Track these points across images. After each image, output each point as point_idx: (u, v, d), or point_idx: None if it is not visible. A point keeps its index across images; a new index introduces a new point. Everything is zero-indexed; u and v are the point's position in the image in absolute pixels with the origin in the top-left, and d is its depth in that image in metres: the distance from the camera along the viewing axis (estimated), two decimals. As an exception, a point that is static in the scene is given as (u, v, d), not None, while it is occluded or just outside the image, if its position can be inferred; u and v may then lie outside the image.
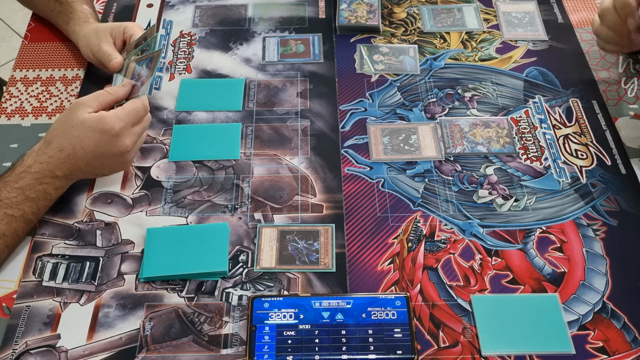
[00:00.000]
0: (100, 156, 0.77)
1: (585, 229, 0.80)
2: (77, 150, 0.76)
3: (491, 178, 0.85)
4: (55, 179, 0.76)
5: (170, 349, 0.69)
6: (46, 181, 0.75)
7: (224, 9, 1.10)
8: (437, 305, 0.73)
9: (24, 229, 0.76)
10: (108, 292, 0.74)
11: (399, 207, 0.82)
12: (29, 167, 0.75)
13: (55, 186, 0.77)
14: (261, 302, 0.72)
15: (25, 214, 0.74)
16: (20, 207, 0.74)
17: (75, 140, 0.76)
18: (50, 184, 0.76)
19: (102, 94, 0.80)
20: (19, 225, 0.74)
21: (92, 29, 0.94)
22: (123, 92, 0.83)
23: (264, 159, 0.87)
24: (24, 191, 0.74)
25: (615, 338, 0.70)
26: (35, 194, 0.75)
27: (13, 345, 0.69)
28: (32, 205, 0.75)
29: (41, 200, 0.76)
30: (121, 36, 0.92)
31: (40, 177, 0.75)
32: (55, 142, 0.76)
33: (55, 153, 0.76)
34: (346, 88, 0.97)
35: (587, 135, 0.90)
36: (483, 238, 0.79)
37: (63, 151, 0.76)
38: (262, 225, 0.80)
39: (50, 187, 0.76)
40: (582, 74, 0.99)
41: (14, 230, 0.74)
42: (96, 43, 0.92)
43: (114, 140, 0.77)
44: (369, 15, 1.06)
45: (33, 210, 0.75)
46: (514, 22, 1.07)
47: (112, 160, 0.79)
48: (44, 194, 0.76)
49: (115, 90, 0.82)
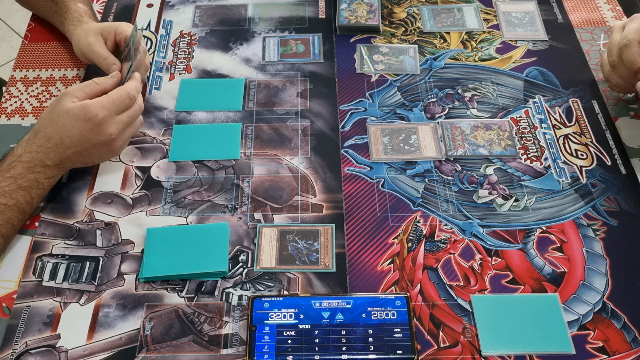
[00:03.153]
0: (86, 144, 0.78)
1: (585, 229, 0.80)
2: (64, 140, 0.77)
3: (491, 178, 0.85)
4: (46, 168, 0.77)
5: (170, 349, 0.69)
6: (37, 170, 0.76)
7: (224, 9, 1.10)
8: (437, 305, 0.73)
9: (18, 218, 0.76)
10: (108, 292, 0.74)
11: (399, 207, 0.82)
12: (19, 157, 0.76)
13: (46, 175, 0.77)
14: (261, 302, 0.72)
15: (18, 202, 0.75)
16: (13, 196, 0.75)
17: (61, 130, 0.77)
18: (42, 173, 0.77)
19: (89, 84, 0.81)
20: (13, 214, 0.75)
21: (84, 30, 0.93)
22: (110, 83, 0.83)
23: (264, 159, 0.87)
24: (16, 180, 0.75)
25: (615, 338, 0.70)
26: (27, 183, 0.76)
27: (13, 345, 0.69)
28: (25, 195, 0.76)
29: (34, 189, 0.76)
30: (112, 37, 0.91)
31: (31, 166, 0.76)
32: (42, 132, 0.78)
33: (43, 142, 0.77)
34: (346, 88, 0.97)
35: (587, 135, 0.90)
36: (483, 238, 0.79)
37: (50, 140, 0.77)
38: (262, 225, 0.80)
39: (41, 176, 0.77)
40: (582, 74, 0.99)
41: (8, 220, 0.75)
42: (87, 44, 0.91)
43: (98, 129, 0.78)
44: (369, 15, 1.06)
45: (26, 200, 0.76)
46: (514, 22, 1.07)
47: (99, 149, 0.80)
48: (36, 182, 0.77)
49: (102, 81, 0.83)
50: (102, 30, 0.92)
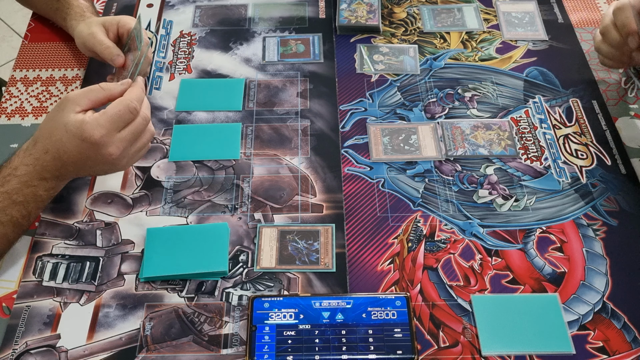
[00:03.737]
0: (87, 162, 0.72)
1: (585, 229, 0.80)
2: (61, 155, 0.71)
3: (491, 178, 0.85)
4: (44, 180, 0.72)
5: (170, 349, 0.69)
6: (34, 184, 0.71)
7: (224, 9, 1.10)
8: (437, 305, 0.73)
9: (15, 232, 0.72)
10: (108, 292, 0.74)
11: (399, 207, 0.82)
12: (15, 170, 0.71)
13: (45, 188, 0.72)
14: (261, 302, 0.72)
15: (13, 218, 0.71)
16: (7, 212, 0.70)
17: (58, 144, 0.71)
18: (39, 186, 0.72)
19: (94, 90, 0.73)
20: (7, 230, 0.71)
21: (87, 23, 0.93)
22: (118, 90, 0.74)
23: (264, 159, 0.87)
24: (10, 195, 0.70)
25: (615, 338, 0.70)
26: (23, 197, 0.71)
27: (13, 345, 0.69)
28: (21, 209, 0.71)
29: (31, 203, 0.72)
30: (115, 29, 0.91)
31: (27, 180, 0.71)
32: (40, 143, 0.72)
33: (41, 155, 0.71)
34: (346, 88, 0.97)
35: (587, 135, 0.90)
36: (483, 238, 0.79)
37: (48, 153, 0.71)
38: (262, 225, 0.80)
39: (39, 190, 0.72)
40: (582, 74, 0.99)
41: (3, 235, 0.71)
42: (89, 34, 0.90)
43: (96, 149, 0.70)
44: (369, 15, 1.06)
45: (22, 214, 0.72)
46: (514, 22, 1.07)
47: (102, 167, 0.74)
48: (33, 196, 0.72)
49: (109, 87, 0.73)
50: (104, 22, 0.91)
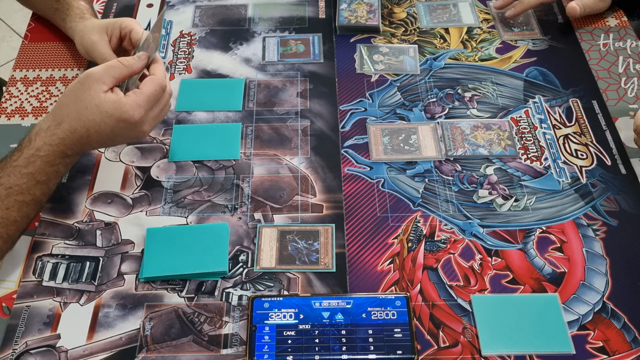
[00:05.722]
0: (116, 138, 0.76)
1: (585, 229, 0.80)
2: (91, 134, 0.73)
3: (491, 178, 0.85)
4: (66, 157, 0.74)
5: (170, 349, 0.69)
6: (57, 162, 0.73)
7: (224, 9, 1.10)
8: (437, 305, 0.73)
9: (35, 209, 0.74)
10: (108, 292, 0.74)
11: (399, 207, 0.82)
12: (38, 150, 0.72)
13: (65, 164, 0.75)
14: (261, 302, 0.72)
15: (36, 197, 0.73)
16: (31, 192, 0.72)
17: (89, 124, 0.72)
18: (61, 163, 0.74)
19: (115, 66, 0.74)
20: (30, 209, 0.73)
21: (87, 26, 0.92)
22: (139, 65, 0.76)
23: (264, 159, 0.87)
24: (34, 176, 0.72)
25: (615, 338, 0.70)
26: (46, 177, 0.73)
27: (13, 345, 0.69)
28: (43, 187, 0.73)
29: (52, 180, 0.74)
30: (117, 32, 0.90)
31: (51, 159, 0.72)
32: (66, 123, 0.72)
33: (67, 135, 0.72)
34: (346, 88, 0.97)
35: (587, 135, 0.90)
36: (483, 238, 0.79)
37: (75, 133, 0.72)
38: (262, 225, 0.80)
39: (61, 167, 0.74)
40: (582, 74, 0.99)
41: (26, 215, 0.73)
42: (90, 43, 0.90)
43: (133, 127, 0.74)
44: (369, 15, 1.06)
45: (44, 192, 0.74)
46: (509, 22, 1.07)
47: (128, 140, 0.80)
48: (55, 174, 0.74)
49: (130, 63, 0.75)
50: (106, 27, 0.90)
